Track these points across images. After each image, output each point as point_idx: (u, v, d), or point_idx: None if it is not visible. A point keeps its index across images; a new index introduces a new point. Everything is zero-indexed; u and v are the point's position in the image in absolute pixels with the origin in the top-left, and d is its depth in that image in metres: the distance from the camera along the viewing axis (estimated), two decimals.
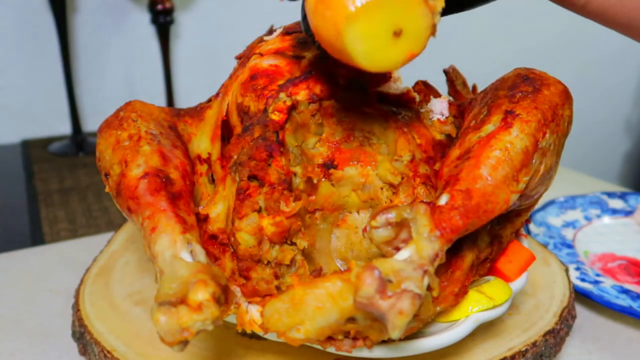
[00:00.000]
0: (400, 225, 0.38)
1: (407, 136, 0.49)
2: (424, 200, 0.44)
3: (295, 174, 0.46)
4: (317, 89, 0.49)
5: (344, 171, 0.47)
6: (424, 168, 0.48)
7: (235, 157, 0.47)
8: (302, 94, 0.49)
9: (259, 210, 0.43)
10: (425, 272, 0.35)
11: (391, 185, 0.48)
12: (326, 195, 0.47)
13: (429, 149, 0.50)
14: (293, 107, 0.48)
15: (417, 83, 0.56)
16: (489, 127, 0.43)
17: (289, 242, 0.44)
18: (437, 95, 0.54)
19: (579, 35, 1.86)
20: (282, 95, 0.48)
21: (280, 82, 0.51)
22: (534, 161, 0.42)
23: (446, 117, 0.51)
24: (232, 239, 0.44)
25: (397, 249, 0.38)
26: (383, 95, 0.51)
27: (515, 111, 0.43)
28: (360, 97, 0.50)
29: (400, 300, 0.33)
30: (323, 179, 0.47)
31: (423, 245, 0.36)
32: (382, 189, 0.48)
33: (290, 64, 0.52)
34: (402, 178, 0.47)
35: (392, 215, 0.37)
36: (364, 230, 0.40)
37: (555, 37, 1.81)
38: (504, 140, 0.41)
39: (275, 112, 0.48)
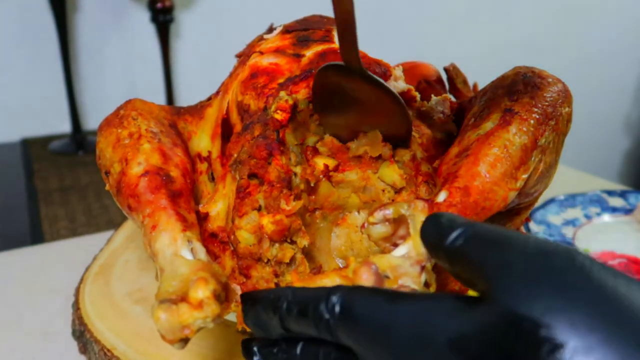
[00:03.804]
0: (398, 221, 0.38)
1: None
2: (422, 197, 0.44)
3: (295, 174, 0.46)
4: None
5: (344, 175, 0.47)
6: (425, 167, 0.48)
7: (235, 155, 0.47)
8: (302, 93, 0.49)
9: (259, 209, 0.43)
10: (423, 268, 0.35)
11: (394, 187, 0.47)
12: (326, 194, 0.47)
13: (431, 148, 0.49)
14: (294, 106, 0.48)
15: (419, 82, 0.56)
16: (488, 125, 0.43)
17: (289, 240, 0.44)
18: (439, 93, 0.54)
19: (580, 33, 1.86)
20: (283, 93, 0.48)
21: (281, 80, 0.50)
22: (532, 159, 0.42)
23: (447, 116, 0.51)
24: (232, 237, 0.44)
25: (395, 246, 0.38)
26: None
27: (514, 109, 0.43)
28: None
29: None
30: (323, 179, 0.47)
31: (420, 242, 0.36)
32: (383, 190, 0.48)
33: (290, 62, 0.52)
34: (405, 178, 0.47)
35: (389, 212, 0.37)
36: (362, 226, 0.40)
37: (556, 35, 1.81)
38: (502, 138, 0.41)
39: (278, 111, 0.47)
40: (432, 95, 0.53)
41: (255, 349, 0.37)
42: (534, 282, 0.24)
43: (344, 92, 0.45)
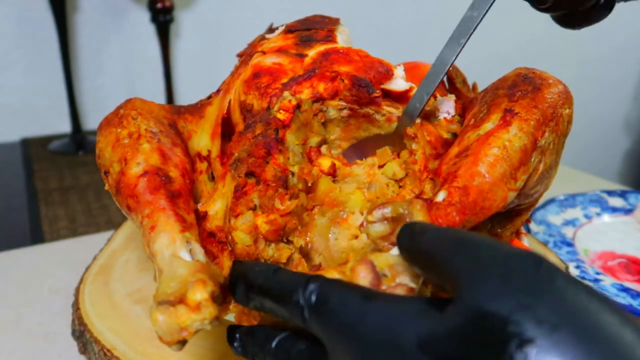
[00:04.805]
0: (397, 220, 0.38)
1: (419, 132, 0.48)
2: (421, 197, 0.44)
3: (292, 173, 0.46)
4: (321, 88, 0.49)
5: (352, 168, 0.47)
6: (433, 164, 0.48)
7: (236, 154, 0.47)
8: (305, 93, 0.48)
9: (254, 208, 0.43)
10: None
11: (396, 180, 0.47)
12: (326, 190, 0.46)
13: (438, 147, 0.49)
14: (297, 106, 0.48)
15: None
16: (488, 126, 0.43)
17: (285, 240, 0.44)
18: (444, 93, 0.54)
19: (579, 33, 1.86)
20: (287, 94, 0.48)
21: (284, 80, 0.50)
22: (532, 159, 0.42)
23: (453, 116, 0.51)
24: (230, 237, 0.44)
25: (394, 244, 0.38)
26: (387, 92, 0.51)
27: (514, 110, 0.43)
28: (365, 96, 0.50)
29: None
30: (322, 175, 0.47)
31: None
32: (387, 185, 0.47)
33: (293, 62, 0.52)
34: (407, 174, 0.47)
35: (388, 210, 0.37)
36: (361, 225, 0.40)
37: (556, 35, 1.81)
38: (502, 139, 0.41)
39: (281, 111, 0.47)
40: (438, 95, 0.53)
41: (237, 335, 0.38)
42: (502, 281, 0.25)
43: (370, 144, 0.50)
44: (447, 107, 0.51)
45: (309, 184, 0.46)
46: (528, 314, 0.23)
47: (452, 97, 0.52)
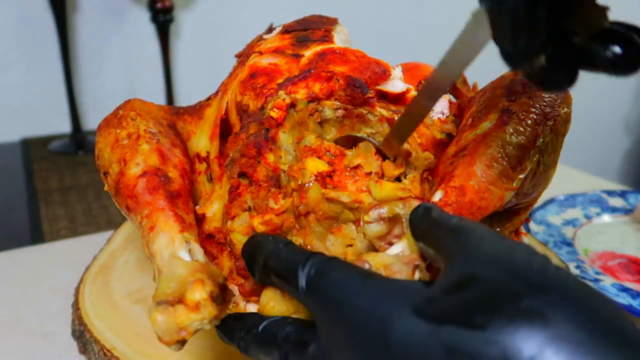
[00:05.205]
0: (394, 220, 0.38)
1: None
2: (418, 197, 0.44)
3: (284, 171, 0.45)
4: (316, 88, 0.49)
5: (337, 195, 0.44)
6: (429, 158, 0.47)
7: (230, 155, 0.47)
8: (301, 93, 0.48)
9: (249, 209, 0.43)
10: (416, 266, 0.35)
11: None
12: (317, 199, 0.45)
13: (430, 148, 0.49)
14: (292, 105, 0.48)
15: (419, 82, 0.56)
16: (485, 125, 0.43)
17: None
18: None
19: None
20: (282, 93, 0.48)
21: (280, 80, 0.50)
22: (530, 159, 0.42)
23: (447, 116, 0.51)
24: (228, 238, 0.44)
25: (390, 244, 0.38)
26: (383, 93, 0.51)
27: (512, 109, 0.43)
28: (359, 96, 0.50)
29: None
30: (313, 180, 0.46)
31: (415, 240, 0.36)
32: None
33: (290, 63, 0.52)
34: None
35: (384, 211, 0.38)
36: (357, 223, 0.40)
37: None
38: (499, 138, 0.41)
39: (275, 109, 0.47)
40: None
41: (228, 320, 0.39)
42: (492, 255, 0.27)
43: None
44: (441, 107, 0.51)
45: (299, 182, 0.45)
46: (519, 278, 0.25)
47: (447, 97, 0.52)
